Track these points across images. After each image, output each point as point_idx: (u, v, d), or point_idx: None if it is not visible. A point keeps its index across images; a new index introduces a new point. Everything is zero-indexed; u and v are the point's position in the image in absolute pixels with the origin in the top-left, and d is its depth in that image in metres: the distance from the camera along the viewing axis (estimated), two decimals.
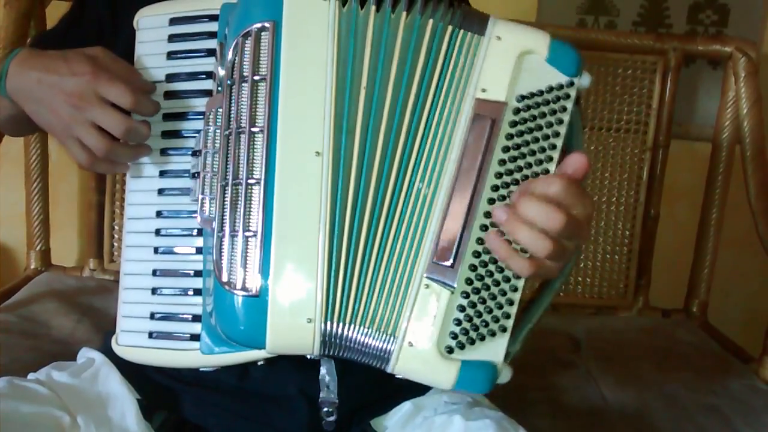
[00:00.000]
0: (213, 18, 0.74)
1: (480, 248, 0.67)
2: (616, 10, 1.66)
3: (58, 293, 1.39)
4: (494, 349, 0.67)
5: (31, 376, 0.81)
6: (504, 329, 0.67)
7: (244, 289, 0.66)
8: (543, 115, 0.68)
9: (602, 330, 1.46)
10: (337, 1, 0.69)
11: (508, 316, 0.67)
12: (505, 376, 0.68)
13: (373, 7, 0.69)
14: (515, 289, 0.67)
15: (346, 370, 0.77)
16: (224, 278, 0.67)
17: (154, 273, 0.74)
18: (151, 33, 0.77)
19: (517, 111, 0.68)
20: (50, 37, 0.97)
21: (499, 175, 0.67)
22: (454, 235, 0.66)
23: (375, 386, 0.82)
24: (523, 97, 0.68)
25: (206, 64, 0.75)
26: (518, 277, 0.67)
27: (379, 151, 0.68)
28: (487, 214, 0.67)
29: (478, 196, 0.67)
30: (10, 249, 1.70)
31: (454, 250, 0.66)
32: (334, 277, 0.67)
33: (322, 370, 0.77)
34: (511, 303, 0.67)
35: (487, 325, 0.67)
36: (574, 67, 0.69)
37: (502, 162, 0.67)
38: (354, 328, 0.67)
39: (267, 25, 0.68)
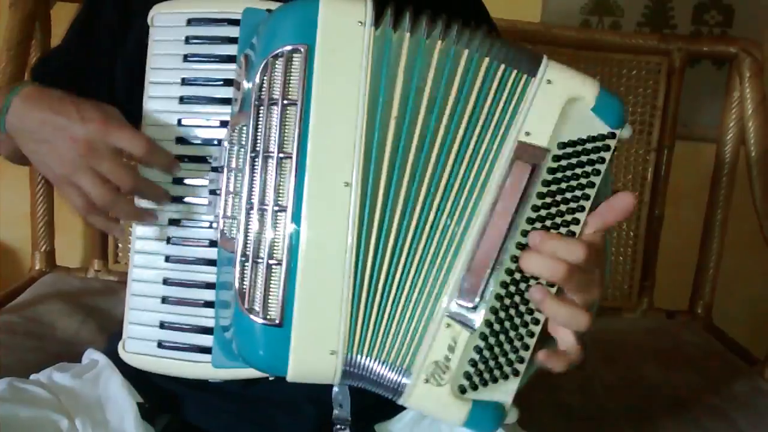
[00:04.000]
0: (233, 22, 0.72)
1: (503, 291, 0.66)
2: (621, 11, 1.66)
3: (63, 294, 1.39)
4: (505, 391, 0.67)
5: (33, 377, 0.81)
6: (516, 373, 0.67)
7: (266, 318, 0.65)
8: (581, 164, 0.66)
9: (607, 331, 1.45)
10: (372, 26, 0.66)
11: (521, 360, 0.67)
12: (512, 416, 0.68)
13: (407, 33, 0.66)
14: (531, 335, 0.66)
15: None
16: (246, 305, 0.66)
17: (165, 282, 0.73)
18: (167, 32, 0.74)
19: (557, 158, 0.66)
20: (59, 54, 0.91)
21: (530, 221, 0.66)
22: (480, 278, 0.66)
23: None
24: (564, 145, 0.66)
25: (224, 70, 0.72)
26: (536, 323, 0.66)
27: (405, 184, 0.67)
28: (514, 259, 0.65)
29: (508, 241, 0.66)
30: (14, 250, 1.71)
31: (478, 292, 0.66)
32: (356, 309, 0.66)
33: (335, 390, 0.77)
34: (526, 348, 0.66)
35: (501, 367, 0.67)
36: (618, 119, 0.67)
37: (536, 208, 0.66)
38: (372, 359, 0.67)
39: (300, 48, 0.66)
